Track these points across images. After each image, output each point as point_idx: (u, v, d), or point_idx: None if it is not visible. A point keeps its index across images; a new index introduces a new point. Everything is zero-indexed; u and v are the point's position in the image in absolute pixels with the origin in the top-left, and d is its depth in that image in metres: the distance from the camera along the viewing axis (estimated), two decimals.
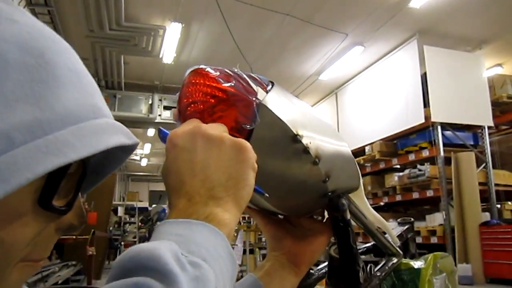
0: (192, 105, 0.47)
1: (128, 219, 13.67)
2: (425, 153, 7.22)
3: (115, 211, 13.58)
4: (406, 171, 7.75)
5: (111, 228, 10.89)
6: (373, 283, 0.71)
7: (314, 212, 0.65)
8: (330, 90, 10.17)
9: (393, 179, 8.06)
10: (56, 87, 0.38)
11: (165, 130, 0.49)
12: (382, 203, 8.29)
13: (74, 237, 5.68)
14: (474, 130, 7.59)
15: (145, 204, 16.05)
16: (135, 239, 11.90)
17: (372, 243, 0.98)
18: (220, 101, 0.46)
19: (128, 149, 0.48)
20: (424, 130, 7.20)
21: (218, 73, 0.47)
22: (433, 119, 6.89)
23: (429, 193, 7.16)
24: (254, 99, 0.46)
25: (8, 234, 0.36)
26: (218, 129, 0.46)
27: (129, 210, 13.89)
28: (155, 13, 6.98)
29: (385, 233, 0.90)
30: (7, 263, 0.37)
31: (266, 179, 0.51)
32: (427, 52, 7.12)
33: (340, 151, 0.56)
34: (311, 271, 0.79)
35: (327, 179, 0.53)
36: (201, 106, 0.46)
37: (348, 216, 0.62)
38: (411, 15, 6.85)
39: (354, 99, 9.32)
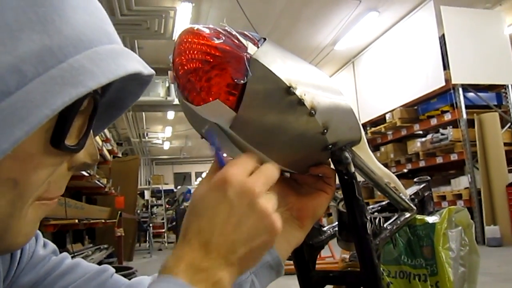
0: (186, 64, 0.48)
1: (155, 202, 13.95)
2: (447, 117, 7.10)
3: (142, 195, 13.85)
4: (429, 136, 7.65)
5: (139, 211, 11.14)
6: (383, 236, 0.72)
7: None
8: (346, 59, 10.01)
9: (416, 145, 7.96)
10: (63, 9, 0.35)
11: (222, 159, 0.48)
12: (405, 170, 8.22)
13: (103, 221, 5.85)
14: (497, 89, 7.40)
15: (170, 186, 16.34)
16: (163, 221, 12.16)
17: (386, 201, 0.98)
18: (212, 58, 0.47)
19: (143, 82, 0.46)
20: (445, 93, 7.06)
21: (209, 31, 0.47)
22: (453, 81, 6.74)
23: (453, 157, 7.07)
24: (245, 53, 0.47)
25: (22, 175, 0.36)
26: (270, 202, 0.45)
27: (155, 193, 14.14)
28: None
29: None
30: (22, 203, 0.38)
31: (264, 134, 0.52)
32: (444, 12, 6.90)
33: (338, 103, 0.57)
34: (323, 228, 0.81)
35: (325, 131, 0.53)
36: (194, 65, 0.47)
37: (353, 169, 0.62)
38: None
39: (372, 67, 9.16)
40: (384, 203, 1.00)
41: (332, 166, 0.65)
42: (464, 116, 6.80)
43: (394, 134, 8.60)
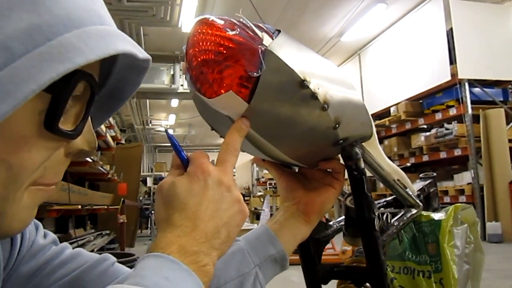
0: (199, 55, 0.47)
1: None
2: (452, 112, 7.06)
3: (144, 181, 13.91)
4: (433, 131, 7.62)
5: (141, 198, 11.18)
6: (390, 232, 0.72)
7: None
8: (353, 51, 9.94)
9: (420, 140, 7.94)
10: None
11: (184, 154, 0.51)
12: (408, 164, 8.20)
13: (106, 207, 5.88)
14: (503, 85, 7.33)
15: None
16: None
17: (392, 196, 0.98)
18: (226, 49, 0.46)
19: (140, 69, 0.46)
20: (451, 88, 7.01)
21: (223, 22, 0.47)
22: (460, 76, 6.68)
23: (457, 152, 7.04)
24: (259, 46, 0.46)
25: (16, 158, 0.36)
26: (238, 190, 0.49)
27: (158, 180, 14.17)
28: None
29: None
30: (16, 187, 0.38)
31: (276, 127, 0.52)
32: (453, 6, 6.83)
33: (350, 98, 0.56)
34: (329, 223, 0.81)
35: (337, 125, 0.53)
36: (207, 56, 0.47)
37: (362, 165, 0.62)
38: None
39: (378, 59, 9.10)
40: (389, 198, 1.00)
41: (341, 161, 0.65)
42: (470, 111, 6.75)
43: (398, 127, 8.57)
